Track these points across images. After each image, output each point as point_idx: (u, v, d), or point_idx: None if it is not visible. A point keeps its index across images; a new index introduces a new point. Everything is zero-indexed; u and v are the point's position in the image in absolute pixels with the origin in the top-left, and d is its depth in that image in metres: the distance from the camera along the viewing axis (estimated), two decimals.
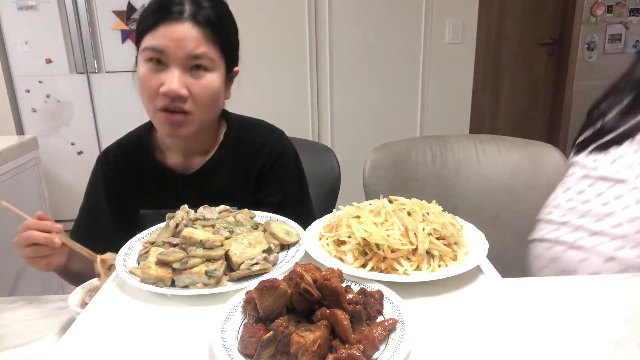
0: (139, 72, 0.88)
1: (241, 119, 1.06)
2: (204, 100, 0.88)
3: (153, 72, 0.86)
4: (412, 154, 1.26)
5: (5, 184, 1.65)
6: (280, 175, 1.01)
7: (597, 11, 4.00)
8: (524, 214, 1.19)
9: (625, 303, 0.74)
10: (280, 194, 1.00)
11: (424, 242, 0.67)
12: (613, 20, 4.04)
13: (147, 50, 0.85)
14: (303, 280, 0.52)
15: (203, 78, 0.87)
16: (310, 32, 2.89)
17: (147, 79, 0.86)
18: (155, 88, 0.86)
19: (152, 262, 0.67)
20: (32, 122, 3.07)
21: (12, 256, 1.66)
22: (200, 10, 0.86)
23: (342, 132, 3.10)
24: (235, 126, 1.03)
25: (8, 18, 2.89)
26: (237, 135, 1.02)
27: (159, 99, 0.86)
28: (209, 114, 0.93)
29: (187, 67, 0.86)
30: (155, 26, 0.85)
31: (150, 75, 0.86)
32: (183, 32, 0.84)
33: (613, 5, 4.00)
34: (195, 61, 0.86)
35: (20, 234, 0.83)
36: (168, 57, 0.85)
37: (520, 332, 0.56)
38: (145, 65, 0.87)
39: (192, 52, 0.85)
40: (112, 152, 1.04)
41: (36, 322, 0.73)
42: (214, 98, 0.91)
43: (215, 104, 0.93)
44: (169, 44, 0.84)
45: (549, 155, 1.18)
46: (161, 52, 0.84)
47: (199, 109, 0.88)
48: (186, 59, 0.85)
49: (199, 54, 0.85)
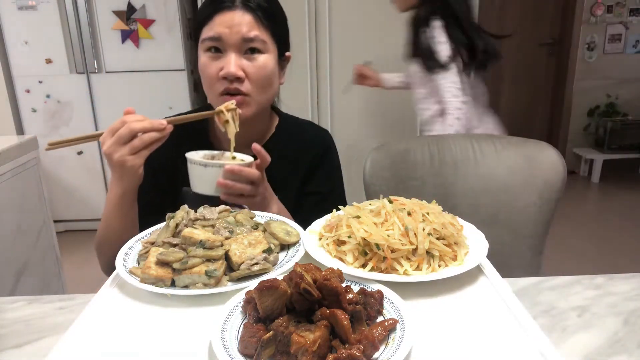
0: (200, 62, 0.95)
1: (291, 116, 1.14)
2: (259, 80, 0.94)
3: (212, 60, 0.93)
4: (411, 153, 1.26)
5: (5, 184, 1.65)
6: (329, 167, 1.09)
7: (597, 11, 4.00)
8: (521, 212, 1.19)
9: (624, 303, 0.74)
10: (328, 184, 1.08)
11: (424, 242, 0.68)
12: (613, 20, 4.04)
13: (206, 41, 0.93)
14: (303, 280, 0.52)
15: (257, 60, 0.93)
16: (310, 32, 2.89)
17: (207, 67, 0.93)
18: (215, 74, 0.92)
19: (152, 262, 0.67)
20: (32, 122, 3.07)
21: (12, 256, 1.66)
22: None
23: (342, 132, 3.10)
24: (286, 121, 1.11)
25: (8, 18, 2.89)
26: (287, 129, 1.09)
27: (219, 84, 0.93)
28: (266, 95, 0.98)
29: (242, 51, 0.92)
30: (211, 17, 0.92)
31: (209, 63, 0.93)
32: (236, 18, 0.91)
33: (613, 5, 4.00)
34: (248, 44, 0.92)
35: (111, 135, 0.79)
36: (224, 43, 0.91)
37: (519, 332, 0.56)
38: (204, 55, 0.94)
39: (246, 35, 0.91)
40: None
41: (36, 322, 0.73)
42: (269, 79, 0.96)
43: (270, 85, 0.98)
44: (224, 30, 0.90)
45: (545, 154, 1.19)
46: (218, 40, 0.91)
47: (255, 89, 0.94)
48: (240, 43, 0.91)
49: (252, 37, 0.91)
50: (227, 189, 0.83)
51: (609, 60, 4.12)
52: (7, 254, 1.63)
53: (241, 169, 0.83)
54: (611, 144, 4.02)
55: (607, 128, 4.00)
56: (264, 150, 0.88)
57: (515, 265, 1.21)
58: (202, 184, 0.85)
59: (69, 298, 0.78)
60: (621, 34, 4.08)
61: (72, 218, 3.19)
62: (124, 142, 0.79)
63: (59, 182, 3.14)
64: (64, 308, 0.76)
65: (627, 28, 4.06)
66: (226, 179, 0.83)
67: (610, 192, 3.86)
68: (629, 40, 4.09)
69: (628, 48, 4.11)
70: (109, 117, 3.04)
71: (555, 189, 1.17)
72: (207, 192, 0.85)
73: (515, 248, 1.21)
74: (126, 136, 0.79)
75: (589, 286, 0.79)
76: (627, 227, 3.15)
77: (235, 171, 0.83)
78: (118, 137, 0.79)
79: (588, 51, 4.09)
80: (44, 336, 0.69)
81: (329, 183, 1.09)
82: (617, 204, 3.60)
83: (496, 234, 1.20)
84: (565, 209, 3.37)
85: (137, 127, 0.79)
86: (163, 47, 2.94)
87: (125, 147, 0.79)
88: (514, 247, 1.21)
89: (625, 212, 3.40)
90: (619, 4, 4.00)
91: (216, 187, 0.84)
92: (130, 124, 0.79)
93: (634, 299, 0.75)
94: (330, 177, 1.10)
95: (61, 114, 3.07)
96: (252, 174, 0.85)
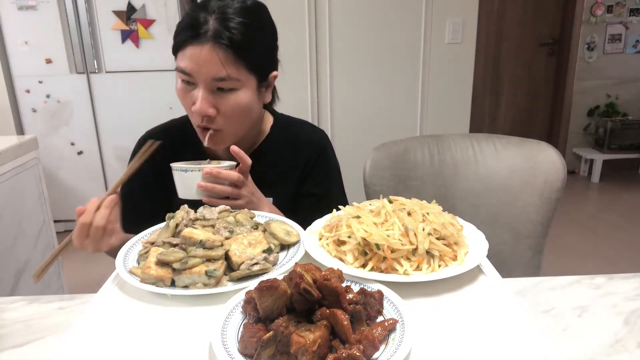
0: (176, 86, 0.92)
1: (286, 116, 1.12)
2: (233, 116, 0.90)
3: (186, 91, 0.90)
4: (411, 153, 1.26)
5: (5, 184, 1.65)
6: (326, 168, 1.07)
7: (597, 11, 4.00)
8: (521, 212, 1.19)
9: (624, 303, 0.74)
10: (325, 185, 1.06)
11: (424, 242, 0.68)
12: (613, 20, 4.04)
13: (178, 71, 0.89)
14: (303, 280, 0.52)
15: (230, 97, 0.88)
16: (310, 32, 2.89)
17: (182, 97, 0.91)
18: (189, 106, 0.91)
19: (152, 262, 0.67)
20: (32, 122, 3.07)
21: (12, 256, 1.66)
22: (224, 31, 0.85)
23: (342, 132, 3.10)
24: (281, 122, 1.08)
25: (8, 18, 2.89)
26: (283, 130, 1.07)
27: (194, 117, 0.91)
28: (242, 127, 0.95)
29: (213, 88, 0.88)
30: (183, 47, 0.87)
31: (184, 94, 0.90)
32: (205, 55, 0.84)
33: (613, 5, 4.00)
34: (219, 83, 0.87)
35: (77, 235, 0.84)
36: (194, 79, 0.87)
37: (519, 332, 0.56)
38: (179, 81, 0.91)
39: (215, 75, 0.85)
40: (155, 135, 1.05)
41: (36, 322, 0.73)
42: (245, 113, 0.92)
43: (247, 117, 0.94)
44: (193, 66, 0.85)
45: (545, 154, 1.19)
46: (188, 74, 0.87)
47: (229, 125, 0.91)
48: (211, 81, 0.86)
49: (222, 77, 0.86)
50: (207, 191, 0.85)
51: (609, 60, 4.12)
52: (7, 254, 1.63)
53: (219, 171, 0.84)
54: (611, 144, 4.02)
55: (607, 128, 4.00)
56: (243, 153, 0.88)
57: (515, 265, 1.21)
58: (184, 188, 0.87)
59: (69, 298, 0.78)
60: (621, 34, 4.07)
61: (72, 218, 3.17)
62: (86, 235, 0.83)
63: (59, 182, 3.13)
64: (64, 308, 0.76)
65: (627, 28, 4.06)
66: (206, 182, 0.84)
67: (610, 192, 3.86)
68: (629, 40, 4.09)
69: (628, 48, 4.11)
70: (109, 117, 3.04)
71: (555, 189, 1.17)
72: (190, 197, 0.86)
73: (515, 248, 1.21)
74: (85, 231, 0.83)
75: (589, 286, 0.80)
76: (627, 227, 3.15)
77: (214, 173, 0.84)
78: (79, 235, 0.83)
79: (588, 51, 4.09)
80: (44, 336, 0.69)
81: (325, 184, 1.07)
82: (617, 204, 3.60)
83: (496, 234, 1.20)
84: (565, 209, 3.37)
85: (87, 220, 0.82)
86: (163, 47, 2.93)
87: (89, 239, 0.83)
88: (514, 247, 1.21)
89: (625, 212, 3.40)
90: (619, 4, 4.00)
91: (197, 190, 0.85)
92: (80, 223, 0.83)
93: (634, 299, 0.75)
94: (327, 178, 1.07)
95: (61, 114, 3.07)
96: (231, 175, 0.85)
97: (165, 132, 1.06)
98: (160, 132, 1.06)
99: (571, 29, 4.07)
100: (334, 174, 1.10)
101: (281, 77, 1.02)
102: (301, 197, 1.04)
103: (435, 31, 2.94)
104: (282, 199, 1.02)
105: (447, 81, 3.04)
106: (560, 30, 4.16)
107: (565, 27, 4.12)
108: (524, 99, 4.30)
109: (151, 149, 0.94)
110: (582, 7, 3.99)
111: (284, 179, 1.04)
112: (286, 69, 1.08)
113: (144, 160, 0.93)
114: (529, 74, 4.23)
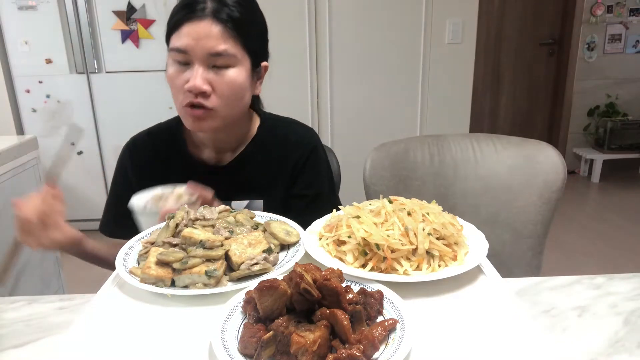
0: (167, 71, 0.91)
1: (274, 116, 1.09)
2: (227, 95, 0.90)
3: (180, 71, 0.89)
4: (411, 153, 1.26)
5: (5, 184, 1.65)
6: (316, 169, 1.04)
7: (597, 11, 4.00)
8: (521, 212, 1.19)
9: (624, 303, 0.74)
10: (315, 186, 1.04)
11: (424, 242, 0.68)
12: (613, 20, 4.04)
13: (173, 52, 0.89)
14: (303, 280, 0.52)
15: (225, 74, 0.88)
16: (310, 32, 2.88)
17: (174, 78, 0.89)
18: (181, 85, 0.89)
19: (152, 262, 0.67)
20: (32, 122, 3.06)
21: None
22: (223, 7, 0.87)
23: (342, 132, 3.10)
24: (268, 122, 1.06)
25: (8, 18, 2.89)
26: (270, 130, 1.04)
27: (183, 96, 0.89)
28: (234, 109, 0.93)
29: (209, 64, 0.87)
30: (179, 25, 0.87)
31: (176, 75, 0.89)
32: (204, 29, 0.85)
33: (613, 5, 4.00)
34: (216, 58, 0.87)
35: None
36: (191, 56, 0.86)
37: (519, 332, 0.56)
38: (172, 64, 0.90)
39: (213, 49, 0.86)
40: (141, 140, 1.06)
41: (36, 322, 0.73)
42: (238, 93, 0.91)
43: (240, 99, 0.93)
44: (190, 42, 0.86)
45: (545, 153, 1.19)
46: (185, 53, 0.86)
47: (222, 103, 0.90)
48: (207, 57, 0.86)
49: (219, 51, 0.86)
50: None
51: (609, 60, 4.12)
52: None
53: (170, 209, 0.83)
54: (611, 144, 4.01)
55: (607, 128, 4.00)
56: (200, 186, 0.88)
57: (515, 265, 1.21)
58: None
59: (69, 298, 0.78)
60: (621, 34, 4.07)
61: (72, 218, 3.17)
62: (27, 230, 0.83)
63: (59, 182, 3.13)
64: (64, 308, 0.76)
65: (627, 28, 4.06)
66: None
67: (610, 192, 3.86)
68: (629, 40, 4.09)
69: (628, 48, 4.11)
70: (109, 117, 3.04)
71: (555, 189, 1.17)
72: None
73: (515, 248, 1.21)
74: (23, 226, 0.83)
75: (589, 286, 0.80)
76: (627, 227, 3.15)
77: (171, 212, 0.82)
78: (19, 230, 0.83)
79: (588, 51, 4.09)
80: (44, 336, 0.69)
81: (316, 185, 1.04)
82: (617, 204, 3.60)
83: (496, 234, 1.20)
84: (565, 209, 3.37)
85: (21, 215, 0.82)
86: (163, 47, 2.91)
87: (31, 236, 0.84)
88: (514, 247, 1.21)
89: (625, 212, 3.40)
90: (619, 4, 4.00)
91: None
92: (15, 216, 0.82)
93: (634, 299, 0.75)
94: (318, 178, 1.05)
95: (61, 114, 3.07)
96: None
97: (151, 135, 1.06)
98: (145, 135, 1.06)
99: (571, 29, 4.06)
100: (325, 172, 1.07)
101: (281, 77, 1.01)
102: (292, 199, 1.02)
103: (435, 31, 2.94)
104: (273, 202, 1.00)
105: (447, 81, 3.04)
106: (560, 30, 4.16)
107: (565, 27, 4.12)
108: (524, 99, 4.30)
109: None
110: (582, 7, 3.99)
111: (274, 181, 1.02)
112: (286, 69, 1.08)
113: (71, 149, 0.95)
114: (529, 74, 4.23)
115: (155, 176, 0.99)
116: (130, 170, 1.03)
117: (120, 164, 1.05)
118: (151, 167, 1.02)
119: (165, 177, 1.00)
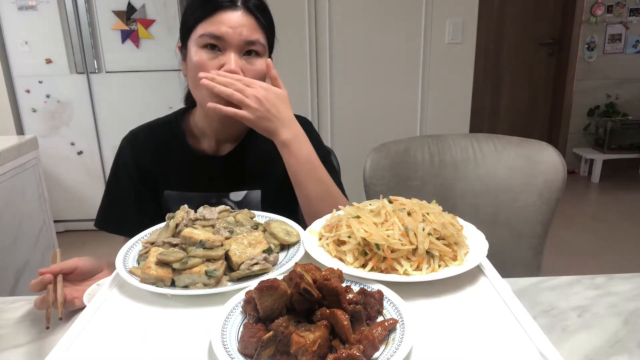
0: (193, 58, 0.92)
1: None
2: None
3: (211, 57, 0.91)
4: (411, 153, 1.26)
5: (5, 184, 1.65)
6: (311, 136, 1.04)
7: (597, 11, 4.00)
8: (521, 212, 1.19)
9: (624, 303, 0.74)
10: None
11: (424, 242, 0.67)
12: (613, 20, 4.04)
13: (205, 37, 0.91)
14: (303, 280, 0.52)
15: (256, 63, 0.94)
16: (310, 32, 2.89)
17: (204, 64, 0.91)
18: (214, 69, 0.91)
19: (152, 262, 0.67)
20: (32, 122, 3.07)
21: (12, 256, 1.66)
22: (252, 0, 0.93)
23: (342, 132, 3.10)
24: None
25: (8, 18, 2.89)
26: None
27: None
28: None
29: (241, 52, 0.92)
30: (211, 14, 0.91)
31: (206, 60, 0.91)
32: (239, 19, 0.91)
33: (613, 5, 4.00)
34: (249, 47, 0.92)
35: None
36: (225, 43, 0.90)
37: (519, 332, 0.56)
38: (200, 51, 0.92)
39: (248, 37, 0.91)
40: (141, 132, 1.07)
41: (36, 322, 0.73)
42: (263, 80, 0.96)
43: None
44: (227, 30, 0.90)
45: (545, 153, 1.19)
46: (219, 39, 0.90)
47: None
48: (242, 45, 0.91)
49: (253, 40, 0.92)
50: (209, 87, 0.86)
51: (609, 60, 4.12)
52: (7, 254, 1.63)
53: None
54: (611, 144, 4.02)
55: (607, 128, 4.00)
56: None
57: (515, 265, 1.21)
58: None
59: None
60: (621, 34, 4.08)
61: (72, 218, 3.19)
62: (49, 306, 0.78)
63: (59, 182, 3.13)
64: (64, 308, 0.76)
65: (627, 28, 4.06)
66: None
67: (610, 192, 3.86)
68: (629, 40, 4.09)
69: (628, 48, 4.11)
70: (109, 117, 3.04)
71: (555, 189, 1.17)
72: None
73: (515, 248, 1.21)
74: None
75: (589, 286, 0.80)
76: (627, 227, 3.15)
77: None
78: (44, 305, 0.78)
79: (588, 51, 4.09)
80: (44, 336, 0.69)
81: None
82: (617, 204, 3.60)
83: (496, 234, 1.20)
84: (565, 209, 3.37)
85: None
86: (163, 47, 2.93)
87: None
88: (514, 247, 1.21)
89: (625, 212, 3.40)
90: (619, 4, 4.00)
91: None
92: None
93: (634, 299, 0.75)
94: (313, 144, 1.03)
95: (61, 114, 3.07)
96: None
97: (150, 128, 1.07)
98: (145, 129, 1.07)
99: (571, 29, 4.07)
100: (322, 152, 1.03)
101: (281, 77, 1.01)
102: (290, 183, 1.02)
103: (435, 31, 2.94)
104: (271, 191, 1.02)
105: (447, 81, 3.04)
106: (560, 30, 4.16)
107: (565, 27, 4.12)
108: (524, 99, 4.30)
109: None
110: (582, 7, 3.99)
111: (269, 171, 1.04)
112: (286, 69, 1.09)
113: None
114: (529, 74, 4.23)
115: (156, 168, 1.01)
116: (131, 163, 1.04)
117: (120, 157, 1.06)
118: (152, 159, 1.03)
119: (165, 169, 1.02)
